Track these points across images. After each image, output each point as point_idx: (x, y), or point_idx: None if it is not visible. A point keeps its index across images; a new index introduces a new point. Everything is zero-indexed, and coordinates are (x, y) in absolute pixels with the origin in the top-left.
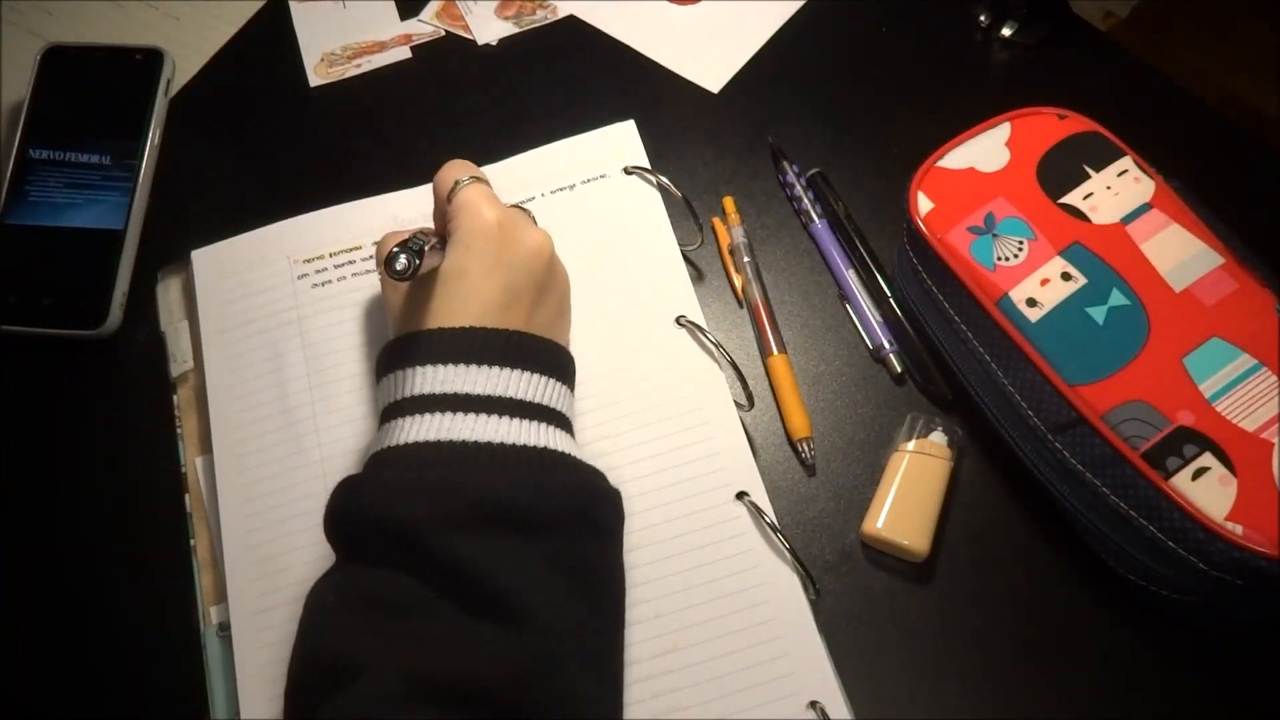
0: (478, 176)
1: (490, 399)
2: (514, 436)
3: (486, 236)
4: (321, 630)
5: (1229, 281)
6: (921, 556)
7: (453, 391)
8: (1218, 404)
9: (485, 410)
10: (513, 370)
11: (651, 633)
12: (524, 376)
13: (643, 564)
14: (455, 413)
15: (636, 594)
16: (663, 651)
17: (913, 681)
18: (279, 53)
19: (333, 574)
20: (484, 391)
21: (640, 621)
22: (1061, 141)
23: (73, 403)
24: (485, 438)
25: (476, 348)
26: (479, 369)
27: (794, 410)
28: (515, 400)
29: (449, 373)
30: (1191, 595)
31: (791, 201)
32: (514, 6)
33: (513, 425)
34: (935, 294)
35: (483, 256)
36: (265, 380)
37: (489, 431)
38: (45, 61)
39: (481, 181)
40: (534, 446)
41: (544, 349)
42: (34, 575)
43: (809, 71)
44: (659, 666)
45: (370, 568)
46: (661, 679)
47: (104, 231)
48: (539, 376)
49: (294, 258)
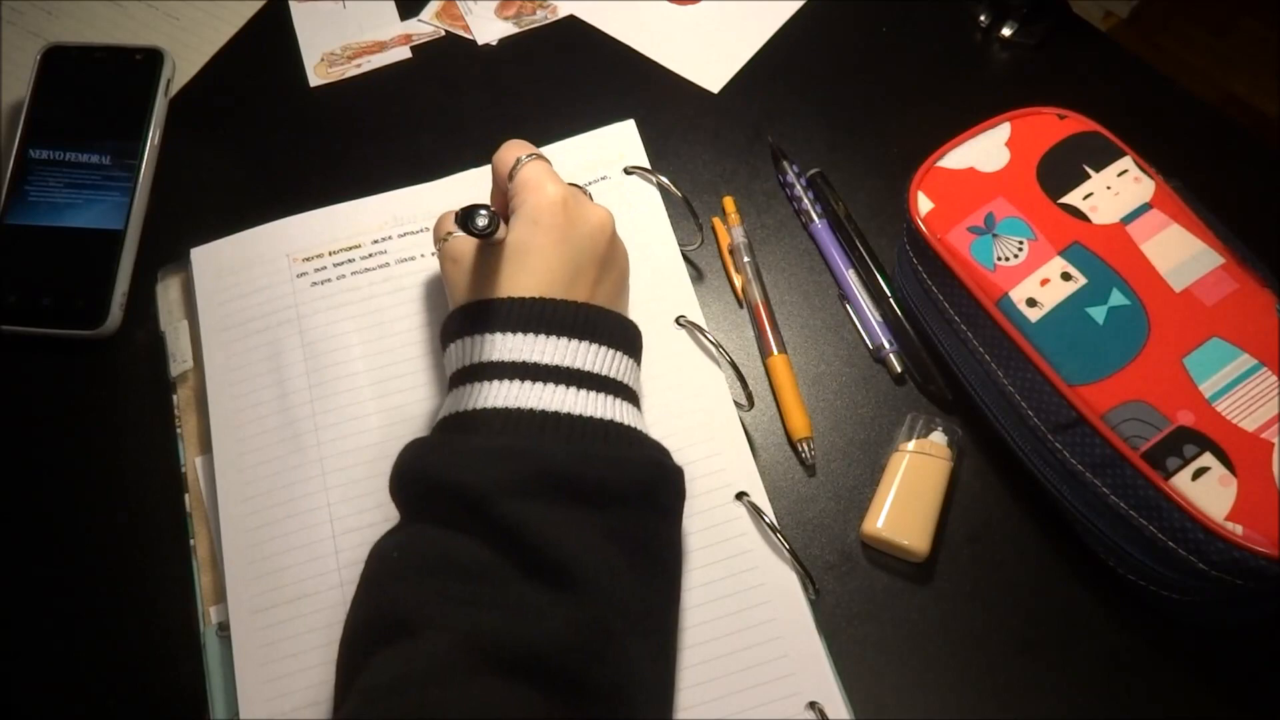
0: (537, 154)
1: (560, 369)
2: (582, 408)
3: (552, 212)
4: (384, 585)
5: (1229, 281)
6: (921, 556)
7: (523, 360)
8: (1218, 404)
9: (555, 380)
10: (582, 342)
11: None
12: (593, 349)
13: None
14: (526, 381)
15: None
16: None
17: (912, 681)
18: (279, 53)
19: (397, 531)
20: (554, 361)
21: None
22: (1061, 141)
23: (73, 403)
24: (554, 407)
25: (548, 318)
26: (550, 339)
27: (794, 410)
28: (584, 372)
29: (520, 341)
30: (1191, 595)
31: (791, 201)
32: (514, 6)
33: (580, 396)
34: (935, 294)
35: (549, 232)
36: (265, 379)
37: (558, 401)
38: (45, 61)
39: (543, 159)
40: (601, 419)
41: (614, 322)
42: (34, 575)
43: (809, 71)
44: None
45: (435, 528)
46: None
47: (104, 231)
48: (608, 349)
49: (293, 256)
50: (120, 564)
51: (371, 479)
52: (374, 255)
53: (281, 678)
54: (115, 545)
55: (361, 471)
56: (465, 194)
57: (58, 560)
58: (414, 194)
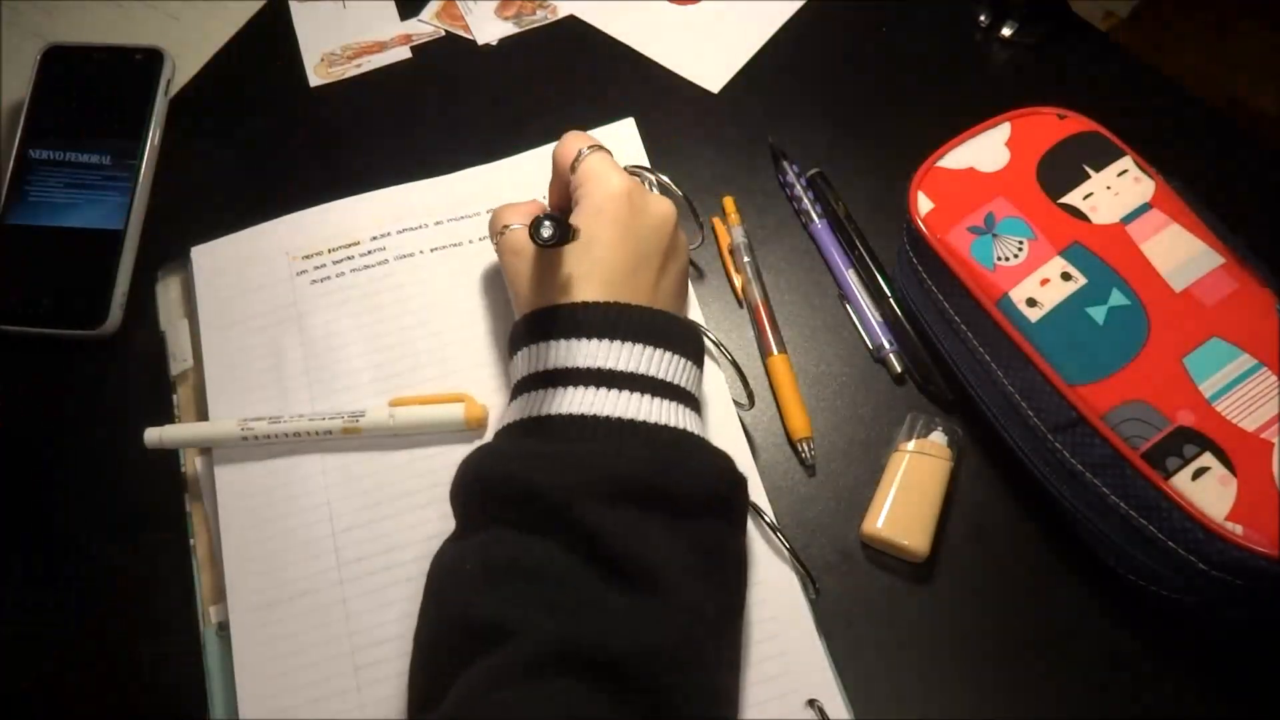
0: (599, 145)
1: (635, 376)
2: (659, 416)
3: (617, 203)
4: (464, 594)
5: (1229, 281)
6: (921, 556)
7: (599, 366)
8: (1218, 404)
9: (630, 388)
10: (657, 349)
11: None
12: (666, 356)
13: None
14: (604, 388)
15: None
16: None
17: (912, 681)
18: (279, 53)
19: (465, 538)
20: (631, 369)
21: None
22: (1061, 141)
23: (73, 403)
24: (632, 415)
25: (622, 324)
26: (626, 345)
27: (794, 410)
28: (659, 380)
29: (596, 347)
30: (1191, 595)
31: (791, 201)
32: (514, 6)
33: (657, 405)
34: (935, 294)
35: (614, 223)
36: (265, 378)
37: (633, 409)
38: (45, 61)
39: (605, 150)
40: (677, 428)
41: (684, 330)
42: (34, 575)
43: (809, 71)
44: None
45: (514, 533)
46: None
47: (104, 231)
48: (679, 358)
49: (292, 254)
50: (120, 564)
51: (371, 476)
52: (373, 252)
53: (281, 677)
54: (115, 545)
55: (361, 469)
56: (465, 192)
57: (58, 560)
58: (412, 190)
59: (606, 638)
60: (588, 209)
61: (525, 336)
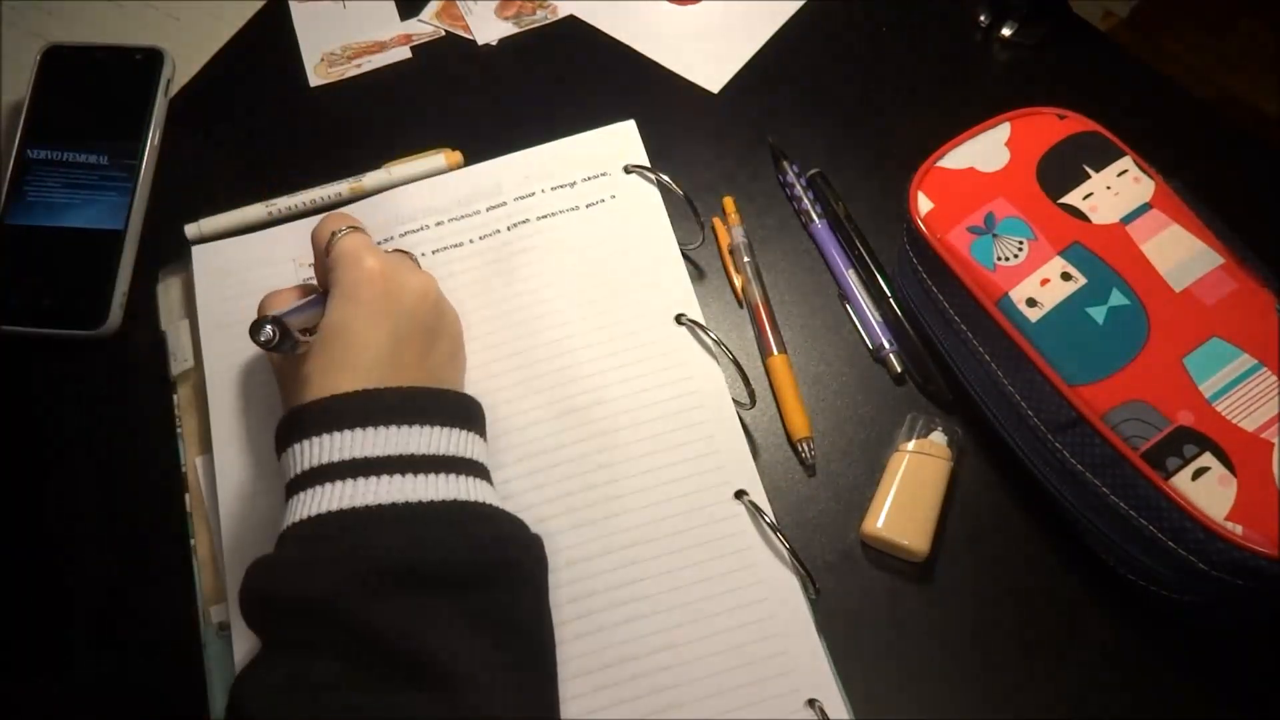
0: (355, 226)
1: (391, 459)
2: (419, 493)
3: (370, 285)
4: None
5: (1229, 281)
6: (921, 556)
7: (351, 457)
8: (1218, 404)
9: (387, 471)
10: (410, 426)
11: (650, 630)
12: (423, 431)
13: (641, 562)
14: (356, 478)
15: (635, 591)
16: (661, 648)
17: (912, 681)
18: (279, 53)
19: (259, 662)
20: (384, 453)
21: (638, 619)
22: (1061, 141)
23: (73, 403)
24: (389, 499)
25: (371, 410)
26: (375, 430)
27: (794, 410)
28: (418, 456)
29: (345, 439)
30: (1191, 595)
31: (791, 201)
32: (514, 6)
33: (418, 482)
34: (935, 294)
35: (367, 306)
36: (265, 378)
37: (393, 492)
38: (45, 61)
39: (360, 231)
40: (443, 501)
41: (441, 400)
42: (33, 575)
43: (809, 71)
44: (657, 664)
45: (292, 649)
46: (660, 676)
47: (104, 231)
48: (440, 428)
49: (300, 260)
50: (120, 564)
51: None
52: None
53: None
54: (115, 545)
55: None
56: (466, 192)
57: (58, 560)
58: (414, 191)
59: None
60: (339, 294)
61: (285, 438)
